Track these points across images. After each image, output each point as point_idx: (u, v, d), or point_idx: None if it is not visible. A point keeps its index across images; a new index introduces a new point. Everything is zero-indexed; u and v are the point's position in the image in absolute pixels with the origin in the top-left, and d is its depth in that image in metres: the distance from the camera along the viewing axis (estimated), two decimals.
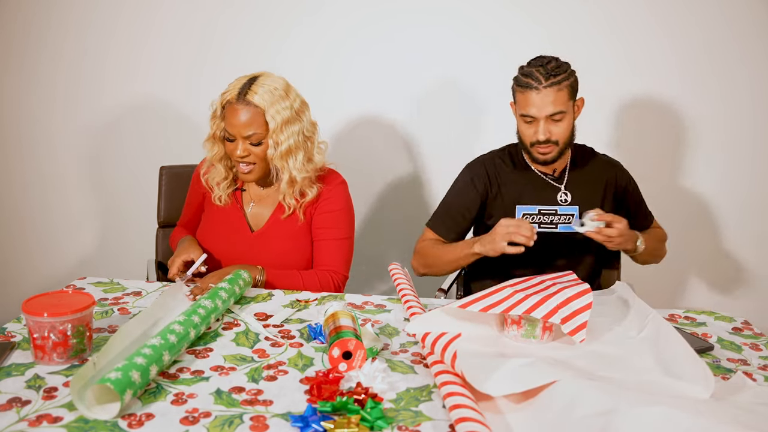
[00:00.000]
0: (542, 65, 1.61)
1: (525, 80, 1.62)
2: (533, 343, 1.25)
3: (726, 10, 2.25)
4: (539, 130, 1.63)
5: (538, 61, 1.63)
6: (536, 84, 1.59)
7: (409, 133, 2.44)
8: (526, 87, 1.61)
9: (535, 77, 1.60)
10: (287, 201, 1.66)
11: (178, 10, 2.37)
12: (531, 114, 1.62)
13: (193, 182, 1.80)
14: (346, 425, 0.92)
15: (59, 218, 2.58)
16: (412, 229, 2.51)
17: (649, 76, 2.32)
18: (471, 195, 1.78)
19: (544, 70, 1.60)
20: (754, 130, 2.34)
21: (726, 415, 0.90)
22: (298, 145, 1.59)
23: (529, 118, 1.64)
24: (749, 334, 1.42)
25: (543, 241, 1.66)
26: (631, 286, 1.72)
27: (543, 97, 1.59)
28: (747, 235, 2.42)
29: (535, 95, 1.60)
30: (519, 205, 1.74)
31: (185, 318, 1.18)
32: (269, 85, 1.56)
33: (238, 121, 1.55)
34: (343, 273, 1.70)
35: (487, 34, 2.33)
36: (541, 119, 1.62)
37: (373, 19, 2.35)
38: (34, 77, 2.45)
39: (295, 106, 1.59)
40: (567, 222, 1.72)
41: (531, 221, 1.71)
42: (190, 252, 1.61)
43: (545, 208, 1.73)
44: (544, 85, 1.59)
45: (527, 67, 1.64)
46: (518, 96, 1.65)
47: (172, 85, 2.43)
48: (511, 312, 1.21)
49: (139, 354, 1.02)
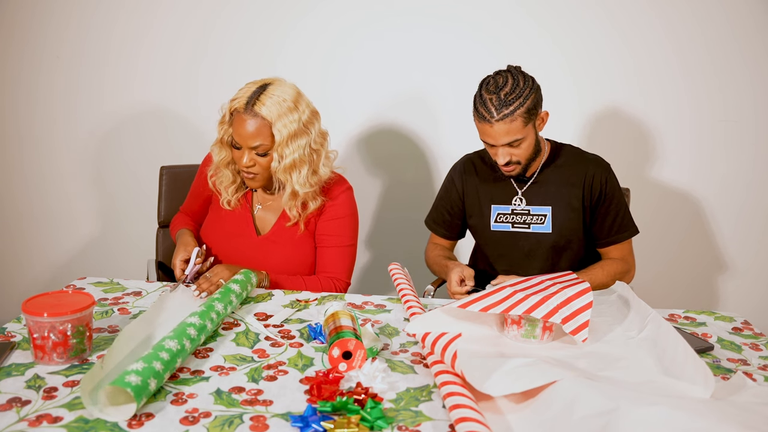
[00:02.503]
0: (496, 92, 1.57)
1: (480, 110, 1.60)
2: (533, 343, 1.25)
3: (728, 11, 2.25)
4: (498, 154, 1.63)
5: (492, 86, 1.58)
6: (489, 117, 1.57)
7: (410, 133, 2.44)
8: (482, 118, 1.59)
9: (488, 109, 1.57)
10: (290, 211, 1.64)
11: (177, 9, 2.37)
12: (488, 142, 1.63)
13: (201, 172, 1.77)
14: (346, 425, 0.92)
15: (59, 218, 2.58)
16: (414, 229, 2.52)
17: (649, 76, 2.32)
18: (452, 193, 1.84)
19: (497, 100, 1.56)
20: (755, 131, 2.34)
21: (726, 415, 0.90)
22: (303, 159, 1.57)
23: (488, 144, 1.65)
24: (749, 334, 1.42)
25: (519, 241, 1.76)
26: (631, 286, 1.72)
27: (497, 130, 1.58)
28: (747, 235, 2.42)
29: (488, 128, 1.59)
30: (494, 204, 1.78)
31: (200, 323, 1.18)
32: (278, 96, 1.53)
33: (244, 131, 1.53)
34: (345, 280, 1.70)
35: (491, 36, 2.33)
36: (499, 146, 1.62)
37: (373, 19, 2.35)
38: (34, 77, 2.45)
39: (303, 119, 1.56)
40: (540, 222, 1.74)
41: (504, 221, 1.77)
42: (186, 248, 1.60)
43: (519, 209, 1.75)
44: (496, 118, 1.57)
45: (484, 93, 1.59)
46: (475, 121, 1.64)
47: (172, 85, 2.43)
48: (511, 312, 1.21)
49: (157, 358, 1.02)
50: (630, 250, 1.79)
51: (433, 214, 1.91)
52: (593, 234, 1.76)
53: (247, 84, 1.57)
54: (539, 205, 1.74)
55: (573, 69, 2.32)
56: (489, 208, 1.78)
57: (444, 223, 1.88)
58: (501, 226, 1.77)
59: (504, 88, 1.57)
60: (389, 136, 2.45)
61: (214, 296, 1.34)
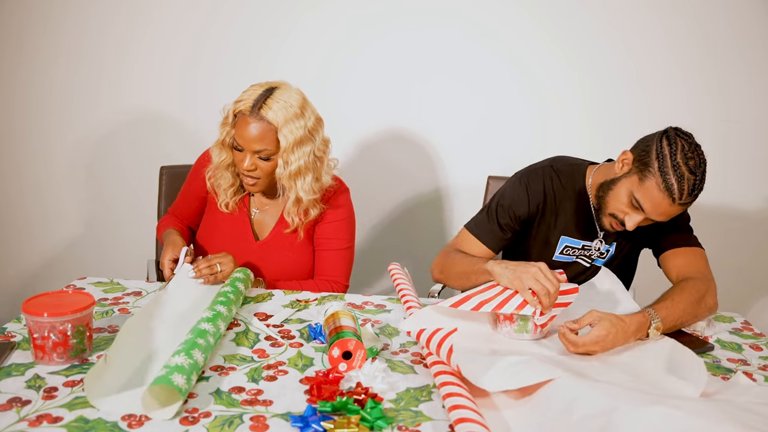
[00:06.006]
0: (695, 173, 1.37)
1: (670, 183, 1.37)
2: (526, 337, 1.27)
3: (729, 11, 2.25)
4: (637, 224, 1.45)
5: (693, 164, 1.37)
6: (677, 197, 1.37)
7: (412, 134, 2.44)
8: (668, 191, 1.37)
9: (681, 189, 1.37)
10: (291, 218, 1.63)
11: (175, 10, 2.37)
12: (650, 215, 1.42)
13: (195, 172, 1.72)
14: (346, 425, 0.92)
15: (59, 218, 2.58)
16: (414, 230, 2.52)
17: (649, 76, 2.32)
18: (521, 208, 1.60)
19: (694, 183, 1.37)
20: (756, 131, 2.34)
21: (726, 415, 0.90)
22: (308, 166, 1.54)
23: (637, 209, 1.44)
24: (749, 334, 1.42)
25: (572, 268, 1.64)
26: (634, 289, 1.73)
27: (671, 211, 1.41)
28: (747, 235, 2.42)
29: (666, 204, 1.39)
30: (564, 236, 1.62)
31: (215, 330, 1.18)
32: (285, 101, 1.49)
33: (249, 135, 1.50)
34: (344, 283, 1.70)
35: (495, 38, 2.33)
36: (647, 220, 1.45)
37: (373, 20, 2.35)
38: (32, 78, 2.45)
39: (308, 125, 1.53)
40: (602, 256, 1.64)
41: (570, 254, 1.62)
42: (174, 247, 1.57)
43: (589, 244, 1.62)
44: (680, 202, 1.37)
45: (683, 167, 1.36)
46: (645, 184, 1.40)
47: (172, 85, 2.43)
48: (502, 310, 1.24)
49: (196, 367, 1.04)
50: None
51: (485, 220, 1.63)
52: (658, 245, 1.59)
53: (251, 86, 1.53)
54: (608, 243, 1.63)
55: (574, 69, 2.33)
56: (558, 238, 1.62)
57: (494, 232, 1.62)
58: (564, 257, 1.64)
59: (699, 172, 1.37)
60: (389, 137, 2.45)
61: (229, 298, 1.33)
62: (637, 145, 1.47)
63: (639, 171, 1.41)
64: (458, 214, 2.48)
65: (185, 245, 1.58)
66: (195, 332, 1.13)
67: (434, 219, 2.51)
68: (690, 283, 1.42)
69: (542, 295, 1.24)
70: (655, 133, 1.43)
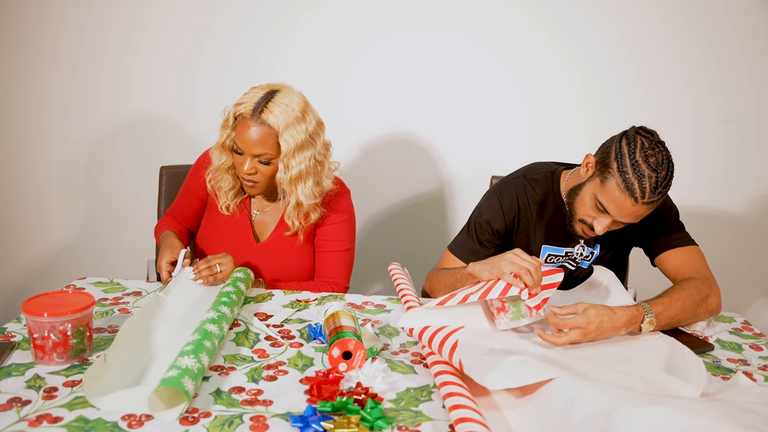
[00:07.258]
0: (657, 171, 1.33)
1: (630, 182, 1.34)
2: (524, 322, 1.29)
3: (730, 11, 2.25)
4: (604, 227, 1.42)
5: (653, 162, 1.34)
6: (638, 196, 1.35)
7: (412, 134, 2.44)
8: (629, 191, 1.34)
9: (642, 187, 1.34)
10: (291, 221, 1.61)
11: (176, 9, 2.37)
12: (614, 215, 1.40)
13: (195, 173, 1.70)
14: (346, 425, 0.92)
15: (59, 218, 2.58)
16: (414, 230, 2.52)
17: (650, 76, 2.32)
18: (498, 222, 1.59)
19: (656, 182, 1.34)
20: (756, 132, 2.34)
21: (726, 415, 0.90)
22: (309, 171, 1.53)
23: (602, 212, 1.42)
24: (749, 335, 1.42)
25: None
26: (635, 290, 1.73)
27: (635, 211, 1.37)
28: (748, 235, 2.42)
29: (629, 205, 1.36)
30: (545, 245, 1.60)
31: (219, 332, 1.18)
32: (287, 105, 1.47)
33: (249, 138, 1.48)
34: (344, 284, 1.69)
35: (495, 38, 2.33)
36: (613, 222, 1.43)
37: (373, 21, 2.35)
38: (32, 77, 2.45)
39: (310, 129, 1.50)
40: (587, 259, 1.62)
41: (552, 262, 1.59)
42: (172, 249, 1.55)
43: (571, 251, 1.60)
44: (644, 201, 1.35)
45: (642, 165, 1.34)
46: (605, 184, 1.38)
47: (172, 85, 2.43)
48: (488, 296, 1.24)
49: (203, 371, 1.04)
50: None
51: (466, 240, 1.64)
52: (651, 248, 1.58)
53: (252, 88, 1.51)
54: (590, 246, 1.61)
55: (574, 69, 2.33)
56: (539, 247, 1.60)
57: (477, 251, 1.62)
58: (549, 266, 1.56)
59: (661, 170, 1.34)
60: (390, 137, 2.45)
61: (231, 299, 1.33)
62: (600, 148, 1.45)
63: (600, 173, 1.39)
64: (459, 214, 2.48)
65: (183, 248, 1.57)
66: (201, 333, 1.13)
67: (435, 219, 2.51)
68: (691, 282, 1.41)
69: (523, 274, 1.24)
70: (618, 134, 1.42)
